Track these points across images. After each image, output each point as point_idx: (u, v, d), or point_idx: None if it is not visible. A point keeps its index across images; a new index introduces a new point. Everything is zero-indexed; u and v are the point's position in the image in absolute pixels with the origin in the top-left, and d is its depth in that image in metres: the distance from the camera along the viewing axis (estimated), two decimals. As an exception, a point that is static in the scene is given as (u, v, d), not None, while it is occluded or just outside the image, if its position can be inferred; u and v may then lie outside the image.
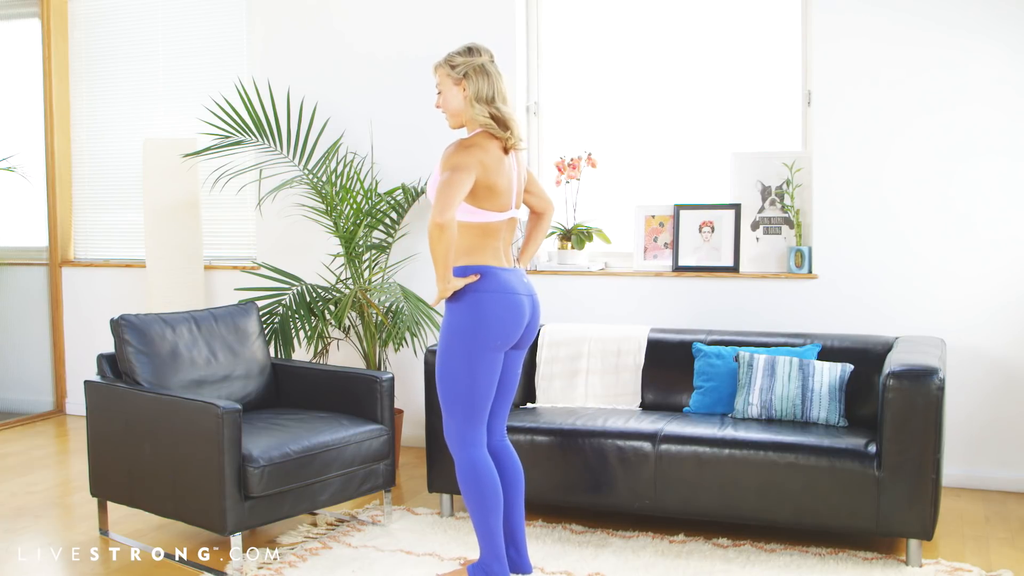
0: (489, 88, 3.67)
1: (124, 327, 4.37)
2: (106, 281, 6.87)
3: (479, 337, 3.58)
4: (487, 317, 3.58)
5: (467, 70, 3.68)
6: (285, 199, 5.96)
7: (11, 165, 6.59)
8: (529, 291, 3.72)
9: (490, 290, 3.60)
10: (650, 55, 5.65)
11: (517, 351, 3.79)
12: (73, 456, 5.91)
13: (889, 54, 5.00)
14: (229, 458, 3.84)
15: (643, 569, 3.94)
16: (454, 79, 3.70)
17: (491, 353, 3.61)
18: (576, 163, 5.55)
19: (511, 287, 3.64)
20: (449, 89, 3.72)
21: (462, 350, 3.60)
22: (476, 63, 3.68)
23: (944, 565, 3.96)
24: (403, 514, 4.66)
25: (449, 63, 3.71)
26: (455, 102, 3.72)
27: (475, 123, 3.69)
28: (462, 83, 3.69)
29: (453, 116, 3.77)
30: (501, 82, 3.71)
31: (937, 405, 3.85)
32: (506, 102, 3.70)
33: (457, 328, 3.60)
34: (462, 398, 3.63)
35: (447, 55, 3.73)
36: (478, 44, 3.74)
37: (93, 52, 6.90)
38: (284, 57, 6.17)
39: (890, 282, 5.06)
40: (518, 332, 3.67)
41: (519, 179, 3.77)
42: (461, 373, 3.61)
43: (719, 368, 4.64)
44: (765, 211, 5.32)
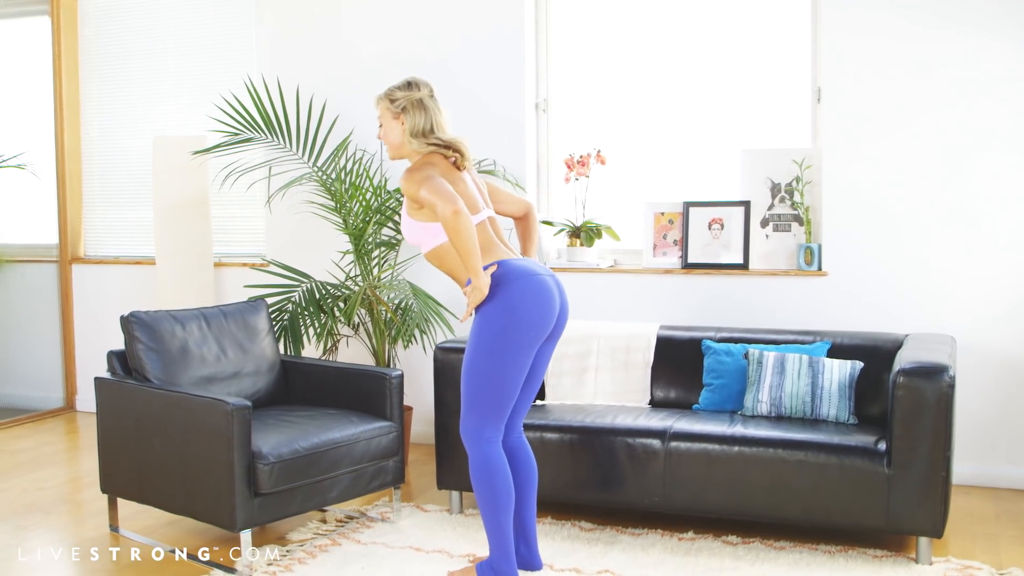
0: (426, 121, 3.75)
1: (134, 324, 4.38)
2: (116, 278, 6.88)
3: (514, 330, 3.55)
4: (517, 307, 3.56)
5: (405, 104, 3.76)
6: (294, 196, 5.96)
7: (21, 163, 6.60)
8: (549, 272, 3.71)
9: (512, 279, 3.58)
10: (659, 51, 5.64)
11: (549, 343, 3.76)
12: (83, 453, 5.93)
13: (899, 51, 4.99)
14: (239, 455, 3.85)
15: (652, 566, 3.93)
16: (393, 113, 3.79)
17: (525, 348, 3.58)
18: (585, 160, 5.55)
19: (531, 270, 3.64)
20: (389, 122, 3.81)
21: (496, 347, 3.57)
22: (414, 97, 3.77)
23: (954, 563, 3.95)
24: (412, 511, 4.66)
25: (389, 97, 3.80)
26: (394, 135, 3.81)
27: (414, 156, 3.78)
28: (400, 117, 3.77)
29: (393, 148, 3.85)
30: (440, 115, 3.79)
31: (947, 403, 3.84)
32: (446, 132, 3.78)
33: (490, 326, 3.57)
34: (487, 395, 3.60)
35: (387, 89, 3.82)
36: (418, 79, 3.83)
37: (103, 50, 6.92)
38: (293, 55, 6.18)
39: (900, 279, 5.05)
40: (552, 314, 3.63)
41: (477, 186, 3.83)
42: (492, 370, 3.58)
43: (728, 365, 4.63)
44: (775, 208, 5.31)
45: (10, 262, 6.90)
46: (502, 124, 5.74)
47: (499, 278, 3.59)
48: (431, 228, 3.68)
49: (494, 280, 3.59)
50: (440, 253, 3.71)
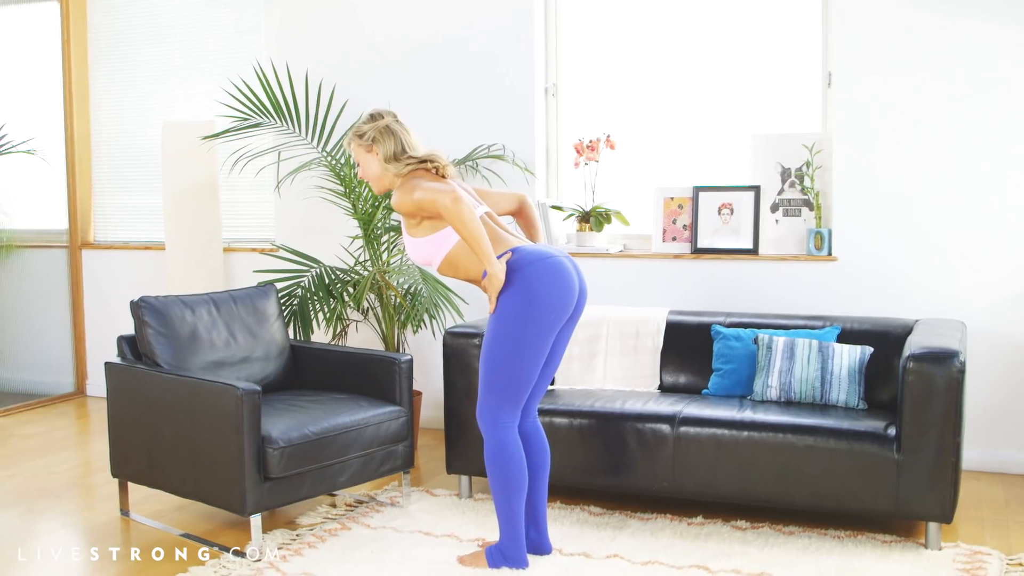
0: (396, 145, 3.78)
1: (144, 309, 4.39)
2: (126, 263, 6.90)
3: (534, 314, 3.55)
4: (536, 291, 3.55)
5: (374, 134, 3.80)
6: (303, 181, 5.96)
7: (31, 148, 6.61)
8: (565, 254, 3.70)
9: (528, 263, 3.58)
10: (669, 36, 5.62)
11: (568, 327, 3.74)
12: (94, 437, 5.95)
13: (910, 37, 4.96)
14: (249, 439, 3.86)
15: (661, 551, 3.94)
16: (365, 147, 3.83)
17: (544, 332, 3.58)
18: (595, 145, 5.53)
19: (546, 252, 3.63)
20: (364, 158, 3.85)
21: (515, 331, 3.56)
22: (381, 126, 3.81)
23: (964, 548, 3.94)
24: (421, 495, 4.67)
25: (356, 133, 3.85)
26: (372, 168, 3.84)
27: (396, 180, 3.80)
28: (373, 149, 3.81)
29: (375, 182, 3.87)
30: (409, 136, 3.83)
31: (957, 388, 3.83)
32: (418, 149, 3.80)
33: (510, 310, 3.56)
34: (505, 379, 3.60)
35: (354, 128, 3.87)
36: (379, 109, 3.89)
37: (112, 35, 6.91)
38: (302, 39, 6.17)
39: (910, 265, 5.03)
40: (571, 295, 3.62)
41: (465, 189, 3.84)
42: (511, 354, 3.57)
43: (738, 350, 4.63)
44: (785, 193, 5.30)
45: (20, 247, 6.92)
46: (511, 109, 5.73)
47: (514, 264, 3.58)
48: (435, 239, 3.70)
49: (510, 267, 3.58)
50: (452, 260, 3.71)
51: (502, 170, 5.71)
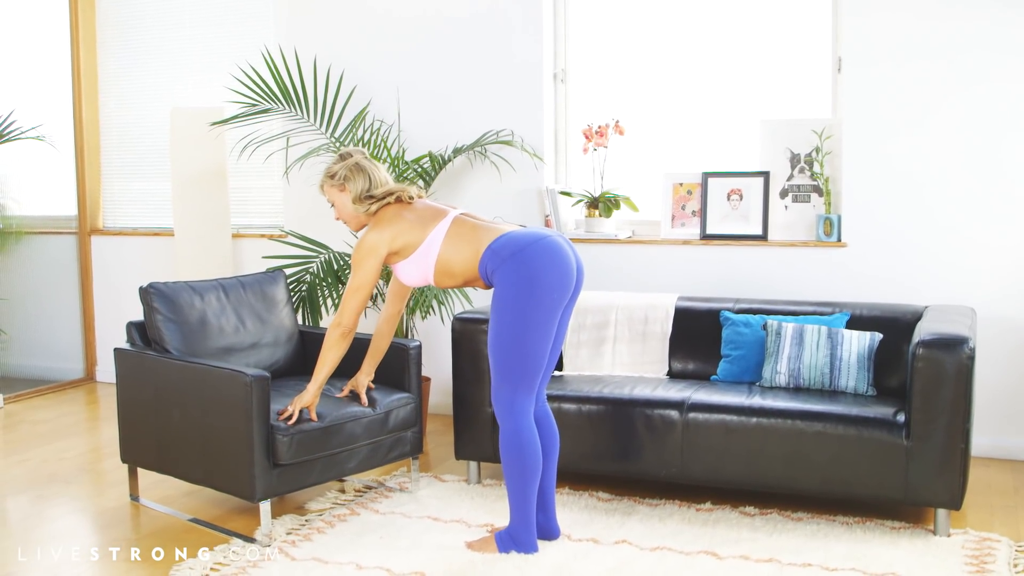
0: (365, 181, 3.85)
1: (153, 295, 4.40)
2: (135, 249, 6.91)
3: (534, 295, 3.56)
4: (534, 271, 3.56)
5: (345, 173, 3.86)
6: (312, 167, 5.95)
7: (40, 134, 6.61)
8: (559, 234, 3.71)
9: (523, 245, 3.59)
10: (678, 21, 5.60)
11: (567, 308, 3.75)
12: (103, 423, 5.97)
13: (922, 23, 4.92)
14: (258, 426, 3.86)
15: (670, 537, 3.94)
16: (338, 187, 3.90)
17: (547, 312, 3.59)
18: (604, 130, 5.52)
19: (537, 233, 3.65)
20: (338, 198, 3.92)
21: (518, 314, 3.57)
22: (351, 163, 3.88)
23: (972, 535, 3.94)
24: (430, 481, 4.68)
25: (328, 174, 3.93)
26: (347, 208, 3.90)
27: (369, 217, 3.87)
28: (346, 188, 3.87)
29: (352, 220, 3.94)
30: (378, 171, 3.90)
31: (967, 374, 3.82)
32: (383, 185, 3.86)
33: (510, 296, 3.58)
34: (516, 363, 3.60)
35: (326, 170, 3.94)
36: (349, 148, 3.98)
37: (120, 21, 6.91)
38: (310, 25, 6.16)
39: (920, 251, 5.02)
40: (570, 273, 3.63)
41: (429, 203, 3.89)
42: (517, 338, 3.58)
43: (747, 336, 4.62)
44: (794, 179, 5.28)
45: (29, 234, 6.93)
46: (520, 94, 5.72)
47: (509, 247, 3.59)
48: (417, 256, 3.76)
49: (504, 251, 3.59)
50: (444, 266, 3.76)
51: (511, 155, 5.70)
